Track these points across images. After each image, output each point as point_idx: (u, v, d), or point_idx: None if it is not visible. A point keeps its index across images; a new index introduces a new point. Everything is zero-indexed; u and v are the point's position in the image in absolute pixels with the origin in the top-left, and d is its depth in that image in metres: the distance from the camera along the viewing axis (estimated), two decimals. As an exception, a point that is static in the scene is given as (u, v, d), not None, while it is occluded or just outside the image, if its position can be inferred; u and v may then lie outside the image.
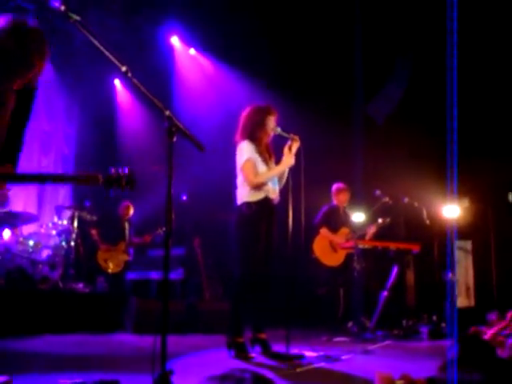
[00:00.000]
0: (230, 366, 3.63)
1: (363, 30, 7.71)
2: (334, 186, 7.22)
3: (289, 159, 4.48)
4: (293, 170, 4.55)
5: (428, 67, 7.45)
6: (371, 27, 7.73)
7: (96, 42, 2.44)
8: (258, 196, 4.43)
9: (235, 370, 1.30)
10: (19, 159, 2.98)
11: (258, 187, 4.42)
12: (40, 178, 2.67)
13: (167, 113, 2.71)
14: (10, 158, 2.82)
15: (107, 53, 2.48)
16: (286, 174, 4.63)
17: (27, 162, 9.17)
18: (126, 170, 2.42)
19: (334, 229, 7.00)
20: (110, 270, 7.82)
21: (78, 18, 2.35)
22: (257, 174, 4.44)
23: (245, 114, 4.60)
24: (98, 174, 2.43)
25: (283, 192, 4.62)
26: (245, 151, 4.44)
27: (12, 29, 2.51)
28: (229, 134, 4.74)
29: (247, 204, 4.41)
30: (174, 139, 2.74)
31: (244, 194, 4.46)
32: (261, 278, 4.41)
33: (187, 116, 7.35)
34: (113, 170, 2.42)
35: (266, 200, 4.45)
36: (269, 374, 3.39)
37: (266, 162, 4.53)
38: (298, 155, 4.51)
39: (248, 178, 4.41)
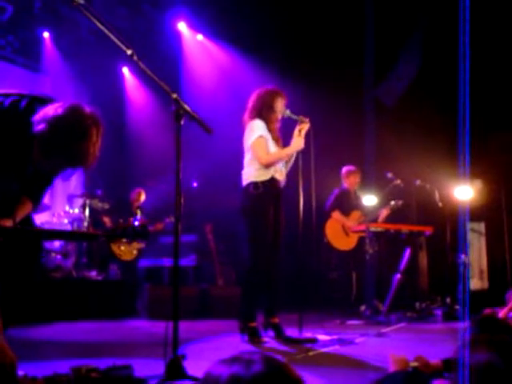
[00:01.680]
0: (243, 350, 3.64)
1: (375, 13, 7.63)
2: (344, 169, 7.14)
3: (298, 142, 4.43)
4: (303, 153, 4.51)
5: (439, 45, 7.35)
6: (383, 8, 7.63)
7: (100, 26, 2.41)
8: (265, 176, 4.36)
9: (245, 352, 1.28)
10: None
11: (266, 167, 4.36)
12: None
13: (174, 96, 2.69)
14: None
15: (112, 36, 2.45)
16: (293, 158, 4.59)
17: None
18: (138, 223, 2.42)
19: (346, 212, 6.95)
20: (123, 258, 7.85)
21: (81, 1, 2.32)
22: (269, 153, 4.39)
23: (254, 95, 4.55)
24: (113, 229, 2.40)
25: (293, 175, 4.57)
26: (256, 128, 4.36)
27: (70, 119, 2.35)
28: (238, 119, 4.70)
29: (254, 184, 4.34)
30: (182, 122, 2.72)
31: (251, 174, 4.38)
32: (269, 262, 4.39)
33: (196, 102, 7.32)
34: (130, 229, 2.41)
35: (273, 181, 4.39)
36: (282, 358, 3.39)
37: (276, 142, 4.49)
38: (307, 138, 4.46)
39: (260, 156, 4.33)
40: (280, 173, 4.47)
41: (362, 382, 2.94)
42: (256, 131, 4.36)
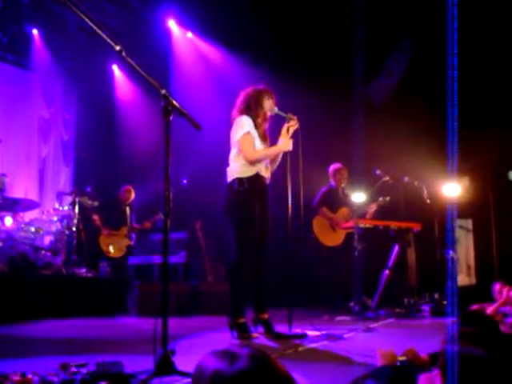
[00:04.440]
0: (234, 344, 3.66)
1: (365, 10, 7.64)
2: (331, 167, 7.22)
3: (286, 142, 4.41)
4: (292, 151, 4.50)
5: (428, 43, 7.38)
6: (373, 5, 7.65)
7: (89, 22, 2.41)
8: (249, 172, 4.34)
9: (235, 345, 1.29)
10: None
11: (252, 163, 4.35)
12: None
13: (163, 91, 2.70)
14: None
15: (101, 32, 2.46)
16: (279, 157, 4.59)
17: (27, 150, 9.17)
18: None
19: (333, 209, 7.00)
20: (112, 255, 7.86)
21: (68, -4, 2.32)
22: (255, 149, 4.39)
23: (242, 93, 4.56)
24: None
25: (281, 173, 4.58)
26: (245, 124, 4.35)
27: None
28: (228, 116, 4.71)
29: (239, 180, 4.32)
30: (171, 118, 2.73)
31: (236, 170, 4.37)
32: (257, 259, 4.39)
33: (185, 99, 7.31)
34: None
35: (258, 177, 4.38)
36: (271, 354, 3.41)
37: (262, 140, 4.49)
38: (296, 135, 4.47)
39: (246, 152, 4.32)
40: (265, 169, 4.46)
41: (351, 376, 2.96)
42: (244, 127, 4.35)
